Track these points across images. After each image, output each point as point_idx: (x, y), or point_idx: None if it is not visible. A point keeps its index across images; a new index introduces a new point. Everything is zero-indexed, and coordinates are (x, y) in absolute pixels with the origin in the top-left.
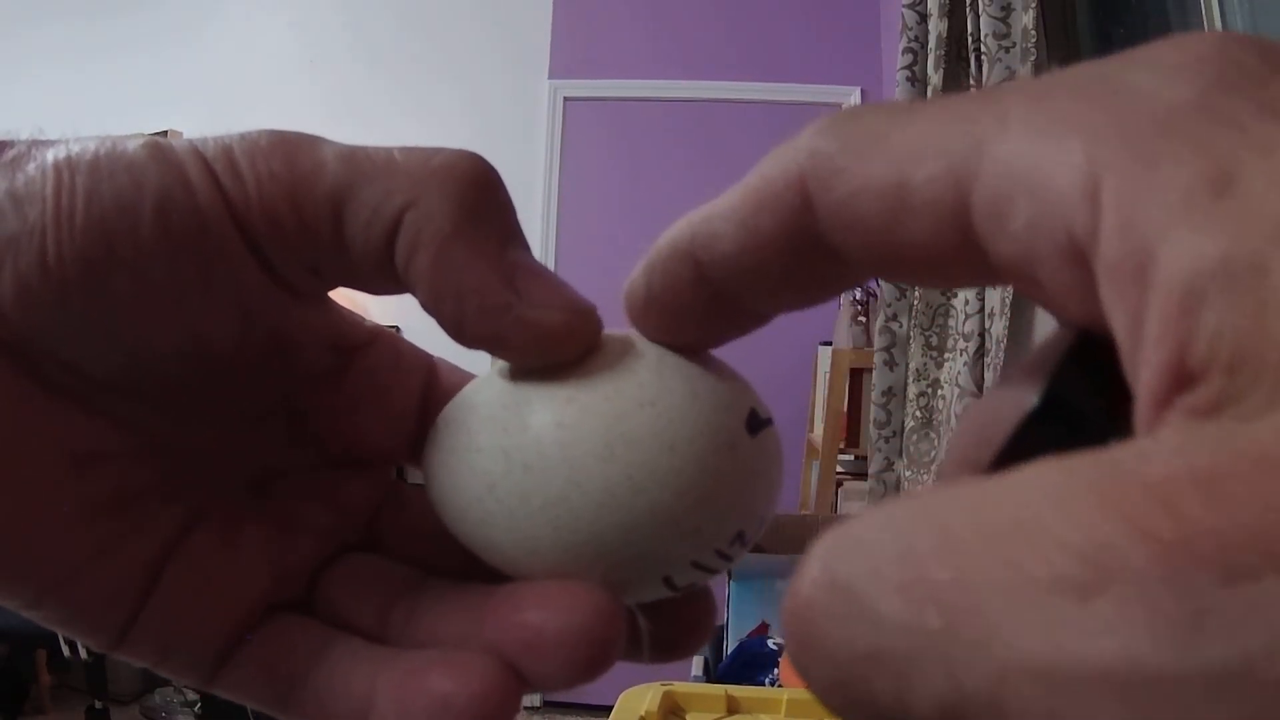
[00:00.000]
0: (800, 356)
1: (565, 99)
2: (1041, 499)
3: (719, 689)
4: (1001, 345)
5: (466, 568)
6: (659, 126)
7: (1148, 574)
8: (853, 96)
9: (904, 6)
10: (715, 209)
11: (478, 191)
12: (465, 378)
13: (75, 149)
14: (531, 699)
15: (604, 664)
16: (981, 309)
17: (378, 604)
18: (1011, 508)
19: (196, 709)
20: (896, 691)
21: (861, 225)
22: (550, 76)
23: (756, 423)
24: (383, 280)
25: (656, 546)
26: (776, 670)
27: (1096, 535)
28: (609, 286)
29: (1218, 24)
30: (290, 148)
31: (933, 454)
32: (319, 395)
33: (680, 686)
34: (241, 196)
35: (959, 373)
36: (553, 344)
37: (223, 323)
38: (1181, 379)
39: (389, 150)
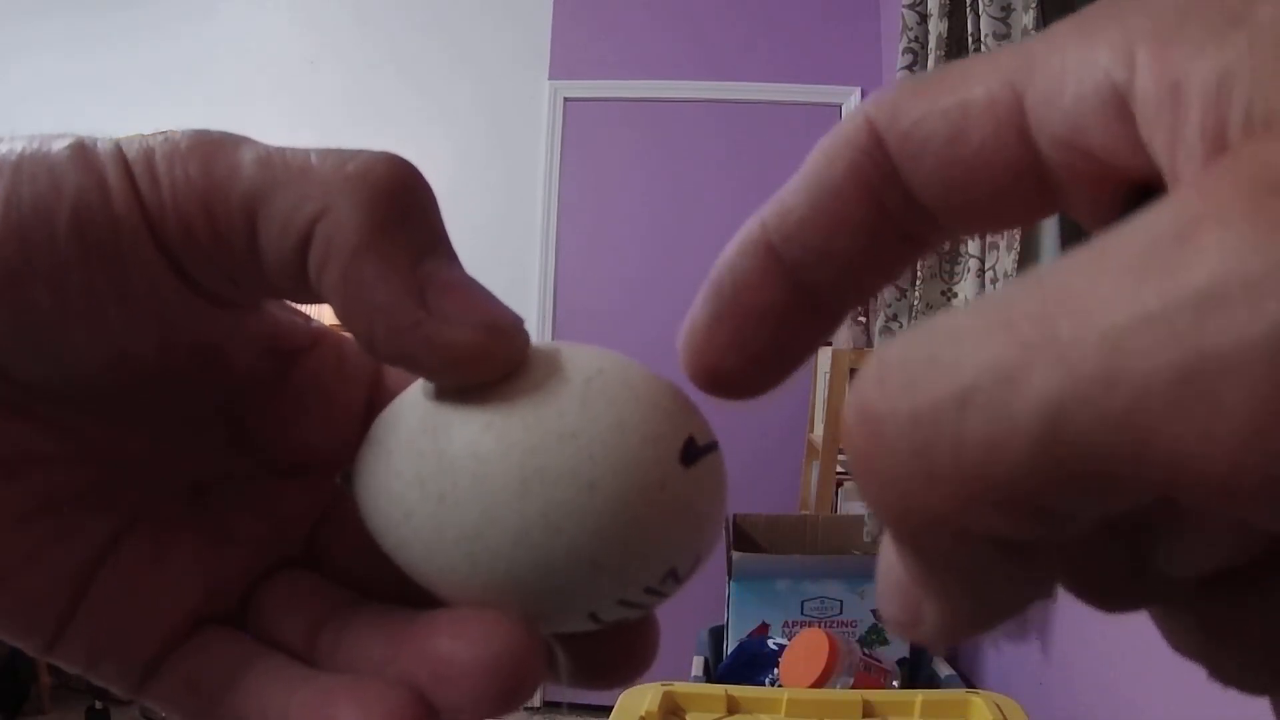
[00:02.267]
0: None
1: (565, 99)
2: (1115, 238)
3: (719, 689)
4: None
5: (405, 583)
6: (659, 127)
7: (1236, 209)
8: (853, 96)
9: (904, 6)
10: (784, 189)
11: (392, 198)
12: (411, 382)
13: (3, 150)
14: (532, 698)
15: (517, 697)
16: None
17: (308, 622)
18: (1071, 264)
19: None
20: (990, 419)
21: (929, 147)
22: (550, 77)
23: (693, 452)
24: (301, 293)
25: (577, 585)
26: (776, 670)
27: (1185, 213)
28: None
29: None
30: (209, 150)
31: None
32: (257, 401)
33: (680, 686)
34: (157, 202)
35: None
36: (467, 365)
37: (143, 332)
38: (1223, 148)
39: (307, 153)
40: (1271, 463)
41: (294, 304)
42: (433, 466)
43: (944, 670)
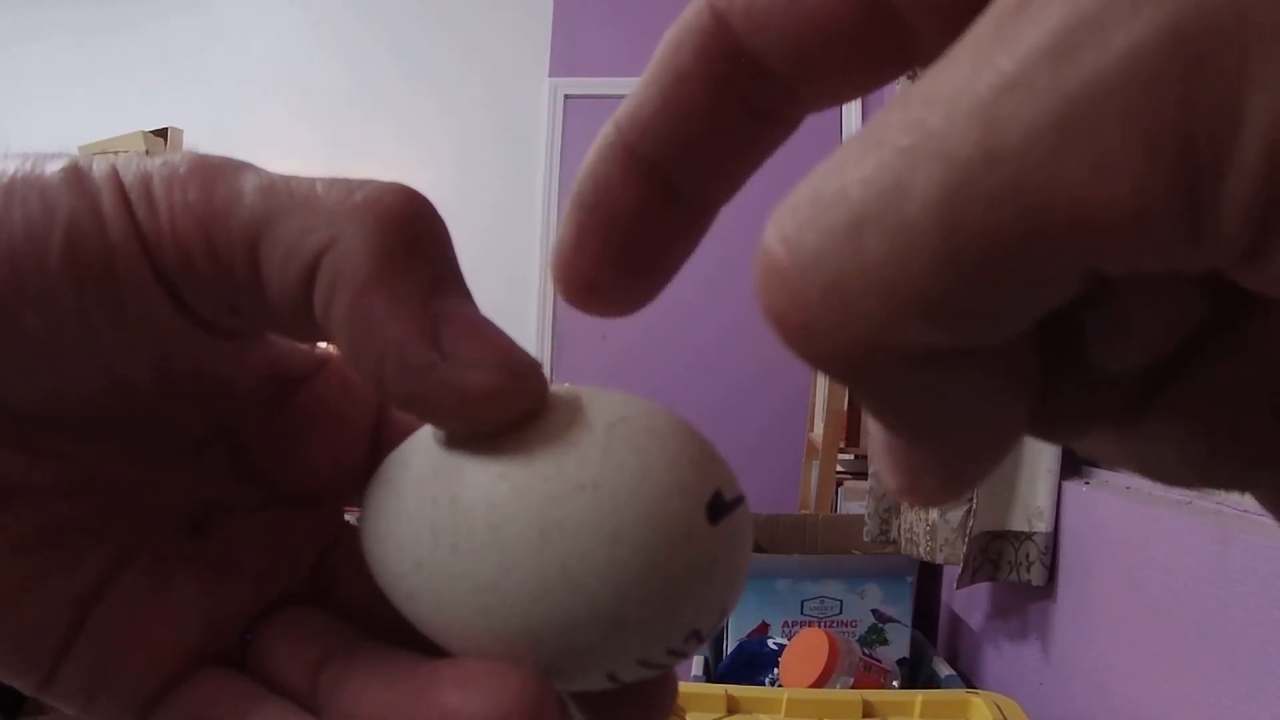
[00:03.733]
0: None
1: (566, 97)
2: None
3: (719, 689)
4: None
5: (411, 629)
6: None
7: None
8: None
9: None
10: (634, 89)
11: (403, 230)
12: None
13: None
14: None
15: None
16: None
17: (309, 664)
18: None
19: None
20: (887, 233)
21: (772, 13)
22: (551, 74)
23: (720, 507)
24: (305, 327)
25: (597, 643)
26: (776, 670)
27: None
28: None
29: None
30: (209, 175)
31: None
32: (259, 428)
33: (680, 686)
34: (154, 228)
35: None
36: (482, 409)
37: (140, 360)
38: None
39: (313, 181)
40: (1174, 176)
41: (298, 341)
42: (445, 515)
43: (944, 670)
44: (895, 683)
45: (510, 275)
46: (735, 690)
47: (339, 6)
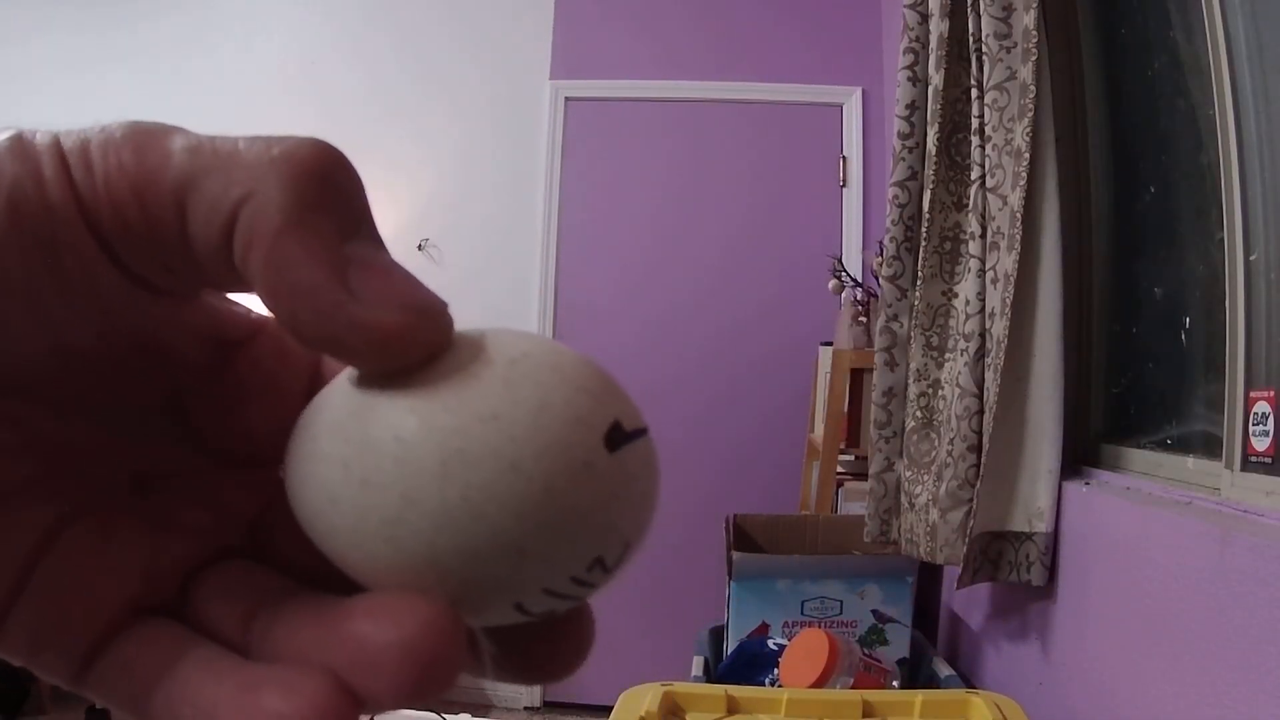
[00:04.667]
0: (800, 356)
1: (567, 99)
2: None
3: (719, 689)
4: (1001, 345)
5: (345, 578)
6: (660, 127)
7: None
8: (853, 96)
9: (905, 6)
10: None
11: (317, 180)
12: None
13: None
14: (532, 699)
15: (437, 682)
16: (982, 309)
17: (242, 610)
18: None
19: None
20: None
21: None
22: (552, 77)
23: (620, 436)
24: (232, 280)
25: (502, 572)
26: (776, 670)
27: None
28: (609, 284)
29: (1218, 24)
30: (141, 139)
31: (933, 454)
32: (199, 391)
33: (680, 686)
34: (91, 191)
35: (959, 373)
36: (391, 348)
37: (82, 321)
38: None
39: (236, 140)
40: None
41: (231, 295)
42: (357, 451)
43: (944, 670)
44: (895, 683)
45: (510, 275)
46: (735, 690)
47: (344, 8)
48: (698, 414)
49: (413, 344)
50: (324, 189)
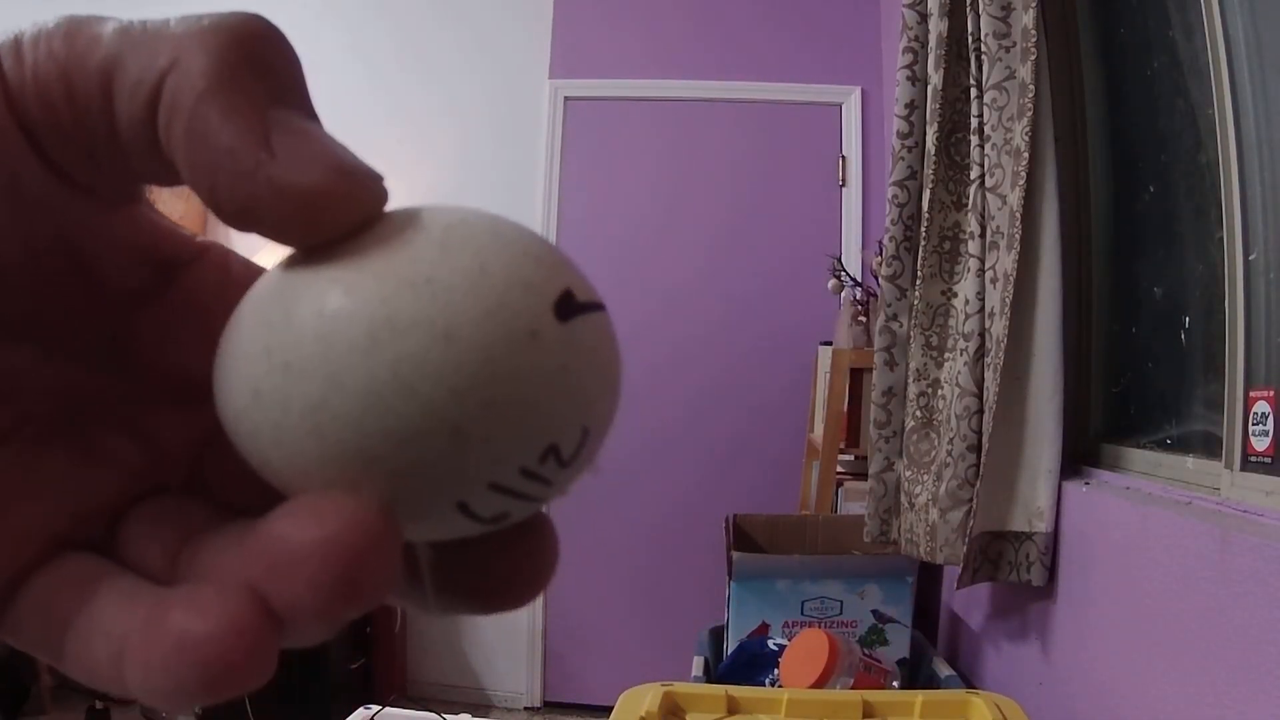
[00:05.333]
0: (800, 356)
1: (566, 98)
2: None
3: (719, 689)
4: (1001, 345)
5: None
6: (659, 126)
7: None
8: (853, 96)
9: (904, 6)
10: None
11: (243, 47)
12: None
13: None
14: (532, 699)
15: (361, 587)
16: (981, 308)
17: (170, 542)
18: None
19: (197, 710)
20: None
21: None
22: (551, 76)
23: (572, 306)
24: (156, 162)
25: (438, 460)
26: (776, 671)
27: None
28: (609, 284)
29: (1218, 24)
30: (73, 27)
31: (933, 454)
32: (134, 317)
33: (680, 687)
34: (18, 77)
35: (959, 373)
36: (315, 213)
37: (4, 228)
38: None
39: (168, 19)
40: None
41: (157, 186)
42: (279, 334)
43: (944, 670)
44: (895, 683)
45: None
46: (735, 691)
47: (344, 7)
48: (697, 413)
49: (338, 208)
50: (251, 55)
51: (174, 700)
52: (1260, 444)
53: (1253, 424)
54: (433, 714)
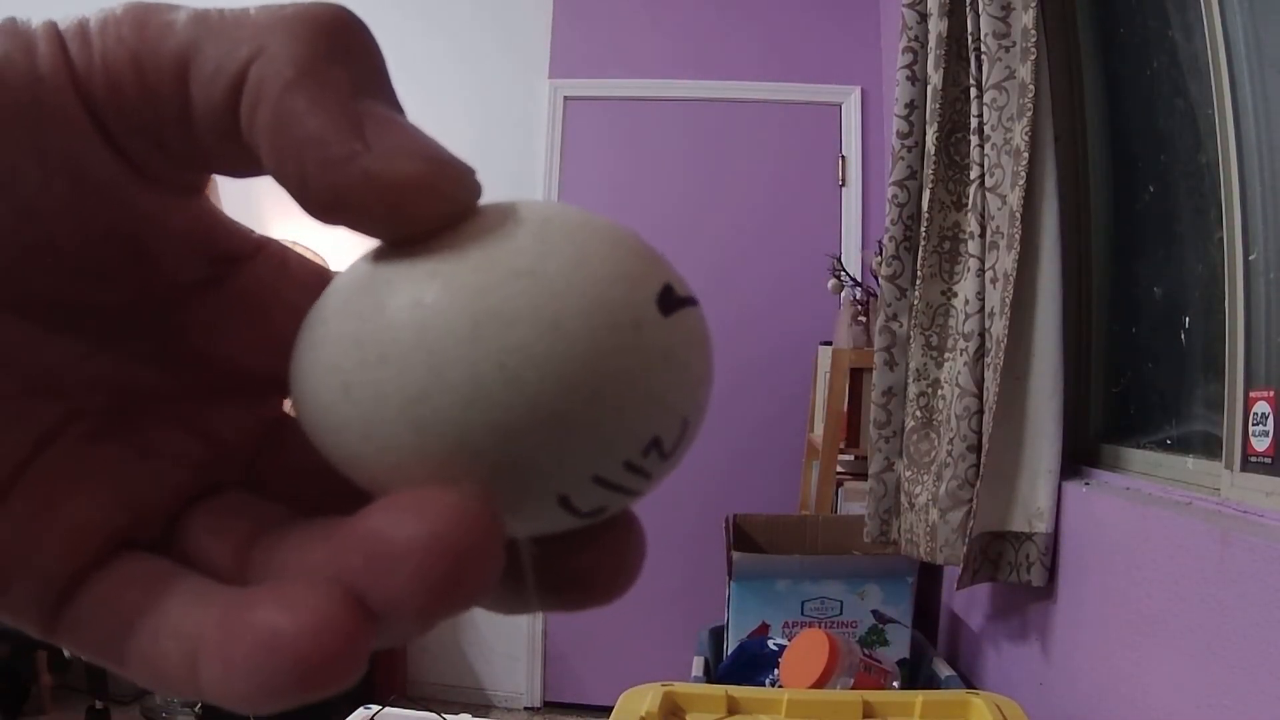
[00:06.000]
0: (800, 356)
1: (566, 98)
2: None
3: (719, 689)
4: (1001, 345)
5: (356, 509)
6: (659, 126)
7: None
8: (853, 96)
9: (904, 6)
10: None
11: (330, 36)
12: None
13: None
14: (532, 699)
15: (466, 585)
16: (981, 309)
17: (237, 541)
18: None
19: (197, 709)
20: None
21: None
22: (550, 76)
23: (672, 300)
24: (232, 150)
25: (542, 454)
26: (776, 671)
27: None
28: None
29: (1217, 24)
30: (143, 13)
31: (933, 454)
32: (191, 311)
33: (680, 687)
34: (85, 61)
35: (959, 373)
36: (410, 205)
37: (62, 209)
38: None
39: (246, 8)
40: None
41: (226, 175)
42: (371, 326)
43: (944, 671)
44: (895, 683)
45: None
46: (735, 691)
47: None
48: None
49: (434, 200)
50: (338, 44)
51: (254, 701)
52: (1260, 444)
53: (1253, 424)
54: (433, 714)
